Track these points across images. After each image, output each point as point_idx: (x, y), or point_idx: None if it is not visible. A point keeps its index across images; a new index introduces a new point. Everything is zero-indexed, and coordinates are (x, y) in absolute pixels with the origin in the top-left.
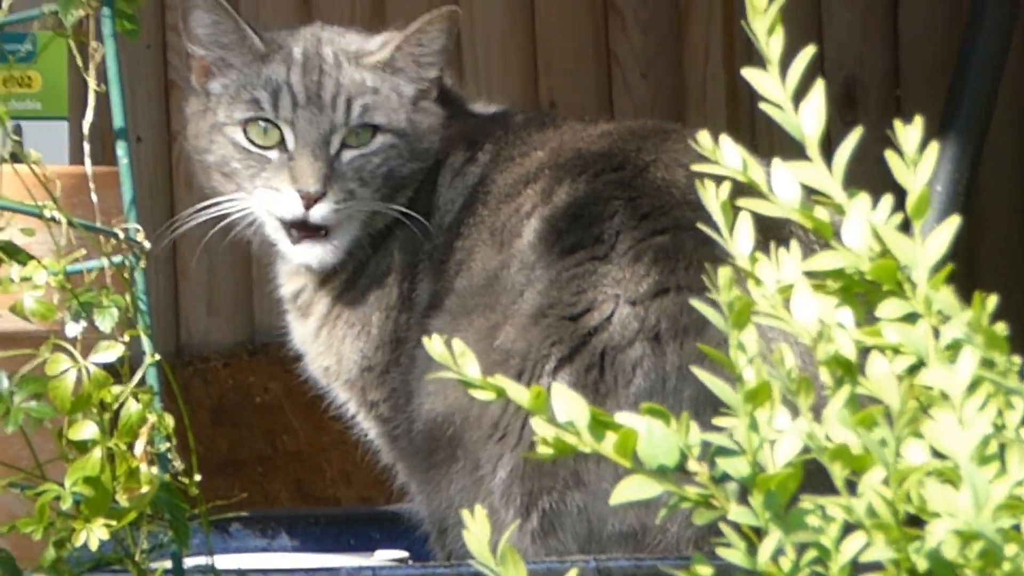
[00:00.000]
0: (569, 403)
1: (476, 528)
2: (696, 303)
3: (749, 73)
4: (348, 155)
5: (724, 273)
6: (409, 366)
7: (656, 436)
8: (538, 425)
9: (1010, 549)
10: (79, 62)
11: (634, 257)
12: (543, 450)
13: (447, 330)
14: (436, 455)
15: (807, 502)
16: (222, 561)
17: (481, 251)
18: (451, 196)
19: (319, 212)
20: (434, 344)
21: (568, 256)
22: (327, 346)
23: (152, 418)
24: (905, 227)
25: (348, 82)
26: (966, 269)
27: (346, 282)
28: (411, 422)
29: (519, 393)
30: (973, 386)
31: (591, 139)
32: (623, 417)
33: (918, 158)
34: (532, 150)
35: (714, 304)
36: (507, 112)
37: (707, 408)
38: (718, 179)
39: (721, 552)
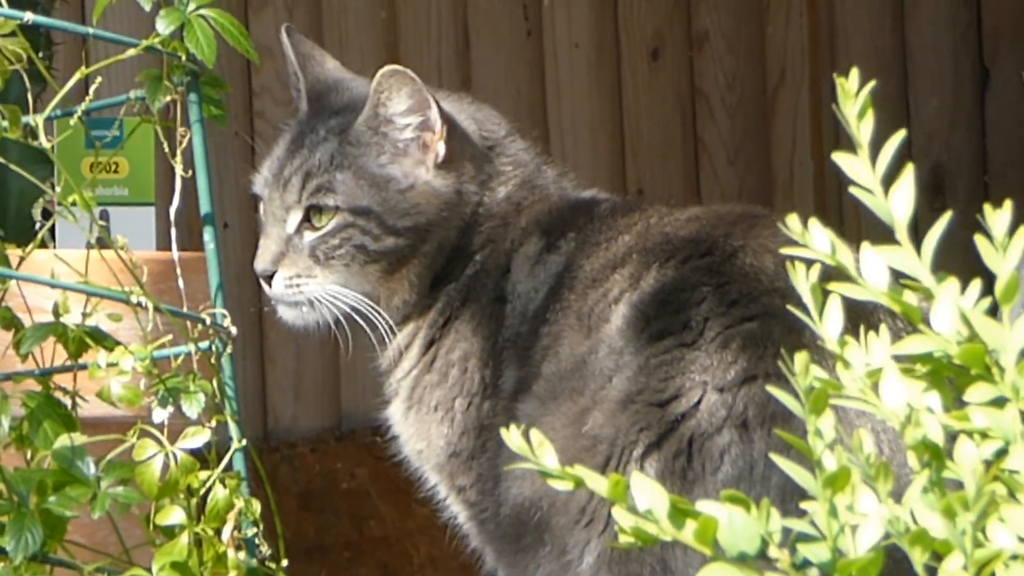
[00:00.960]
0: (649, 491)
1: None
2: (772, 389)
3: (840, 158)
4: (308, 236)
5: (801, 358)
6: (496, 451)
7: (736, 523)
8: (618, 514)
9: None
10: (166, 148)
11: (722, 344)
12: (624, 539)
13: (535, 415)
14: (523, 539)
15: None
16: None
17: (569, 336)
18: (533, 284)
19: (272, 290)
20: (512, 435)
21: (656, 342)
22: (416, 429)
23: (239, 503)
24: (993, 312)
25: (313, 159)
26: None
27: (422, 364)
28: (499, 506)
29: (598, 483)
30: None
31: (679, 224)
32: (703, 505)
33: (1007, 242)
34: (618, 234)
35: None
36: (591, 200)
37: (794, 495)
38: (808, 263)
39: None
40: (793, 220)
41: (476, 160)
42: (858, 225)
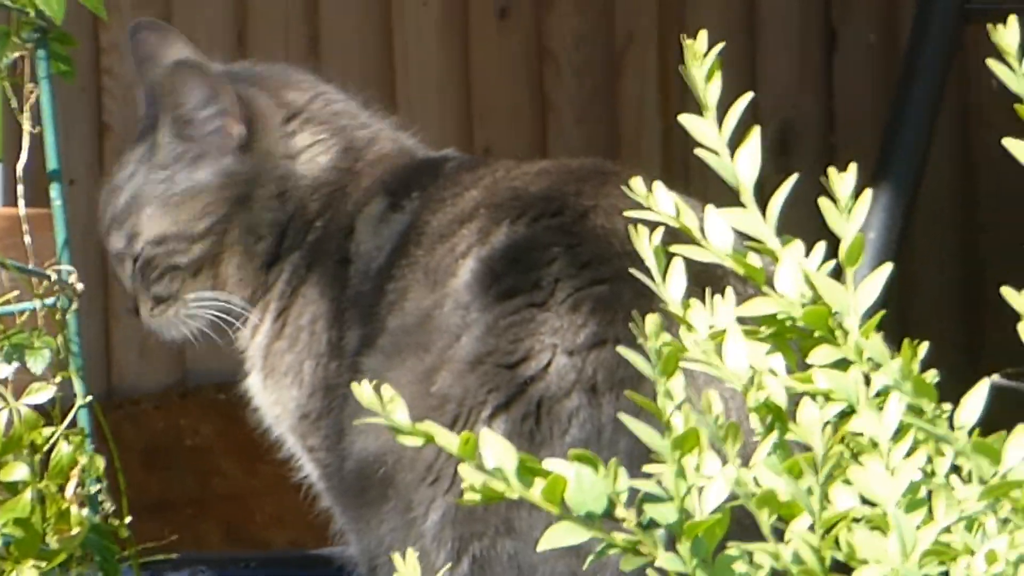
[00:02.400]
0: (498, 449)
1: (407, 571)
2: (623, 350)
3: (687, 119)
4: (132, 267)
5: (652, 320)
6: (342, 406)
7: (584, 483)
8: (466, 471)
9: None
10: (13, 104)
11: (572, 306)
12: (471, 496)
13: (380, 369)
14: (367, 494)
15: (734, 549)
16: None
17: (414, 290)
18: (377, 243)
19: (143, 322)
20: (363, 390)
21: (505, 301)
22: (273, 396)
23: (83, 460)
24: (839, 275)
25: (118, 204)
26: (900, 318)
27: (271, 334)
28: (343, 460)
29: (448, 439)
30: (900, 433)
31: (528, 178)
32: (551, 464)
33: (851, 205)
34: (465, 190)
35: (644, 352)
36: (439, 158)
37: (642, 460)
38: (653, 224)
39: None
40: (637, 182)
41: (275, 133)
42: (704, 185)
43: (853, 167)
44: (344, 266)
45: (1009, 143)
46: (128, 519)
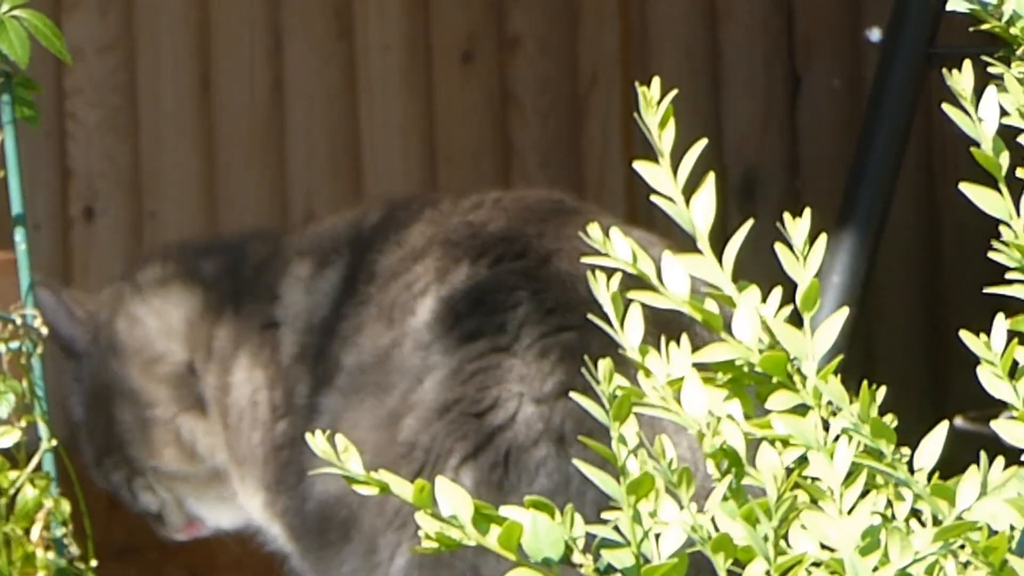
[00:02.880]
0: (454, 497)
1: None
2: (577, 396)
3: (641, 166)
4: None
5: (605, 365)
6: (300, 447)
7: (541, 529)
8: (423, 520)
9: None
10: None
11: (539, 353)
12: (428, 544)
13: (339, 409)
14: (327, 535)
15: None
16: None
17: (370, 327)
18: (315, 299)
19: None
20: (316, 440)
21: (469, 343)
22: (249, 489)
23: (48, 503)
24: (799, 321)
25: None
26: (865, 360)
27: (223, 435)
28: (303, 501)
29: (403, 488)
30: (852, 476)
31: (484, 214)
32: (508, 511)
33: (807, 250)
34: (407, 228)
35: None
36: (348, 218)
37: (611, 509)
38: (610, 271)
39: None
40: (594, 228)
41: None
42: (669, 229)
43: (808, 212)
44: (272, 330)
45: (966, 188)
46: (94, 563)
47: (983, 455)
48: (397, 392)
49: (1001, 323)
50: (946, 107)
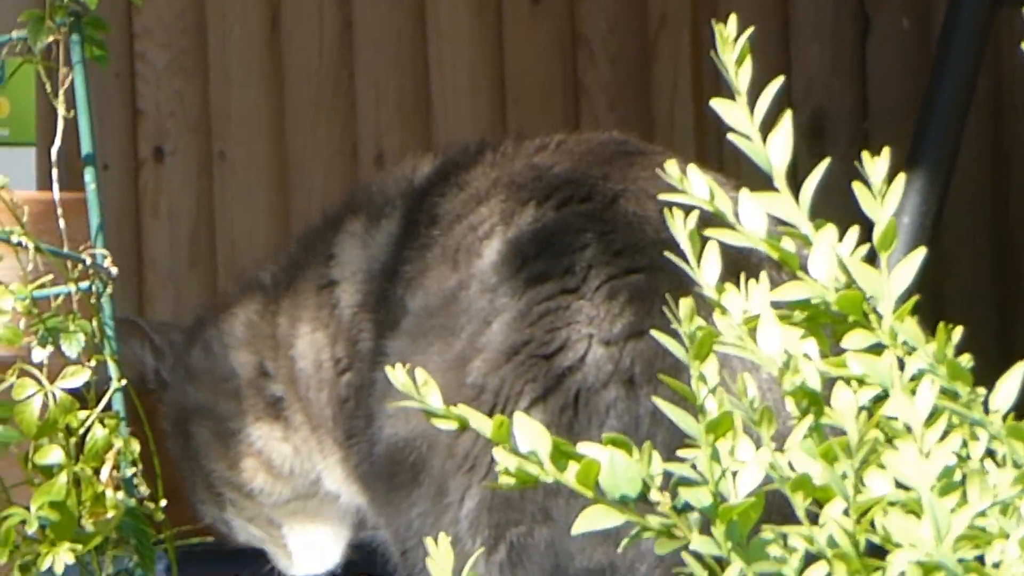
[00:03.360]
0: (532, 433)
1: (440, 556)
2: (657, 333)
3: (718, 104)
4: None
5: (686, 304)
6: (369, 391)
7: (618, 466)
8: (501, 455)
9: None
10: (48, 88)
11: (608, 295)
12: (505, 480)
13: (406, 352)
14: (397, 478)
15: (769, 532)
16: None
17: (436, 269)
18: (372, 252)
19: None
20: (397, 374)
21: (537, 286)
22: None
23: (118, 443)
24: (872, 260)
25: None
26: (933, 303)
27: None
28: (372, 446)
29: (482, 423)
30: (933, 417)
31: (548, 156)
32: (585, 448)
33: (885, 189)
34: (470, 169)
35: (679, 338)
36: (402, 171)
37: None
38: (687, 209)
39: None
40: (672, 165)
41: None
42: (738, 171)
43: (887, 152)
44: (330, 289)
45: None
46: (164, 502)
47: None
48: (465, 334)
49: None
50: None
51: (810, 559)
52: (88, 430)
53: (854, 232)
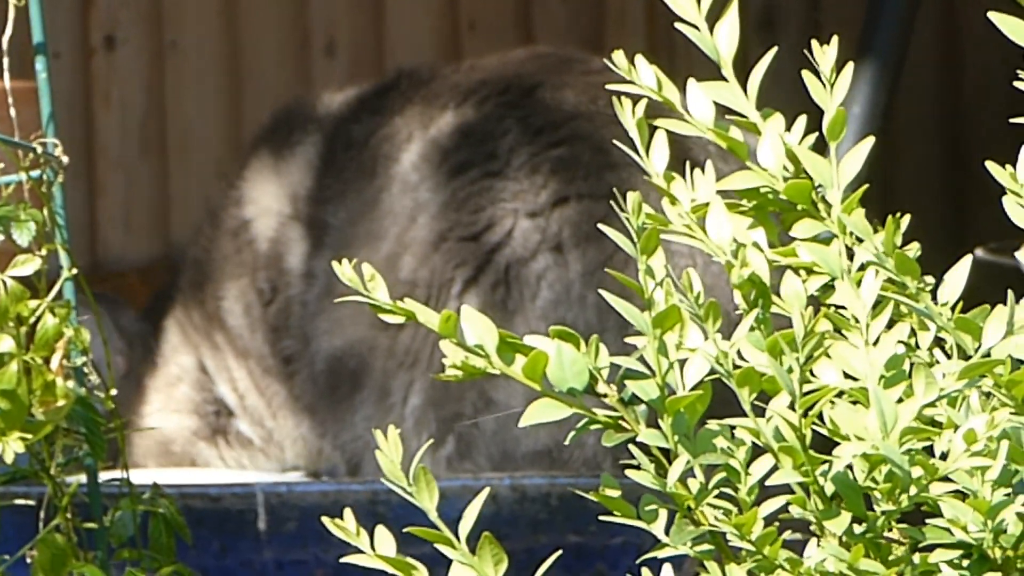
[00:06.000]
0: (478, 326)
1: (388, 449)
2: (605, 228)
3: None
4: None
5: (633, 197)
6: (301, 314)
7: (565, 359)
8: (448, 348)
9: (916, 472)
10: None
11: (531, 170)
12: (452, 373)
13: (332, 268)
14: (339, 390)
15: (715, 424)
16: (137, 476)
17: (353, 183)
18: (287, 179)
19: None
20: (344, 268)
21: (460, 175)
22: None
23: (69, 332)
24: (822, 150)
25: None
26: (883, 193)
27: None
28: (312, 365)
29: (429, 317)
30: (879, 307)
31: (462, 74)
32: (532, 340)
33: (834, 78)
34: (386, 95)
35: (616, 218)
36: (314, 99)
37: (611, 314)
38: (634, 99)
39: (630, 474)
40: (619, 56)
41: None
42: (689, 61)
43: (835, 40)
44: (245, 228)
45: (995, 16)
46: (114, 391)
47: (1010, 293)
48: (391, 235)
49: None
50: None
51: (757, 452)
52: (39, 319)
53: (802, 121)
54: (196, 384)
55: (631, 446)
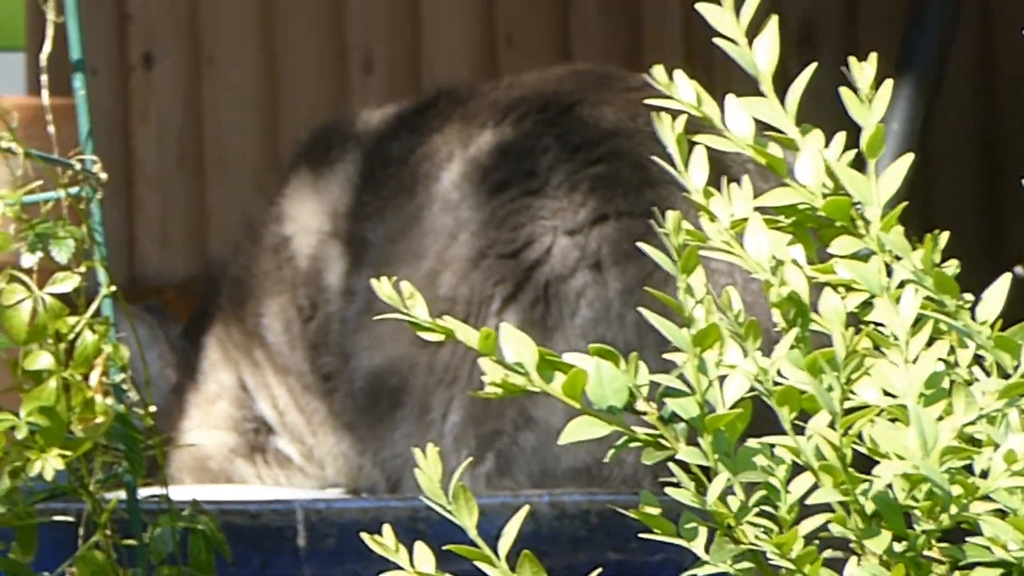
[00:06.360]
0: (517, 343)
1: (427, 466)
2: (646, 247)
3: (704, 8)
4: None
5: (672, 216)
6: (340, 331)
7: (605, 376)
8: (487, 366)
9: (956, 491)
10: None
11: (570, 187)
12: (492, 390)
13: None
14: (379, 407)
15: (755, 443)
16: (176, 492)
17: (394, 201)
18: (326, 197)
19: None
20: (383, 285)
21: (499, 193)
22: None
23: (107, 349)
24: (860, 167)
25: None
26: (921, 209)
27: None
28: (351, 382)
29: (468, 334)
30: (919, 325)
31: (501, 91)
32: (572, 357)
33: (872, 95)
34: (424, 112)
35: (655, 236)
36: (351, 117)
37: (650, 332)
38: (674, 115)
39: (670, 491)
40: (659, 71)
41: None
42: (727, 77)
43: (874, 57)
44: (285, 245)
45: None
46: (153, 408)
47: None
48: (431, 253)
49: None
50: None
51: (798, 470)
52: (78, 336)
53: (840, 137)
54: (235, 401)
55: (671, 464)
